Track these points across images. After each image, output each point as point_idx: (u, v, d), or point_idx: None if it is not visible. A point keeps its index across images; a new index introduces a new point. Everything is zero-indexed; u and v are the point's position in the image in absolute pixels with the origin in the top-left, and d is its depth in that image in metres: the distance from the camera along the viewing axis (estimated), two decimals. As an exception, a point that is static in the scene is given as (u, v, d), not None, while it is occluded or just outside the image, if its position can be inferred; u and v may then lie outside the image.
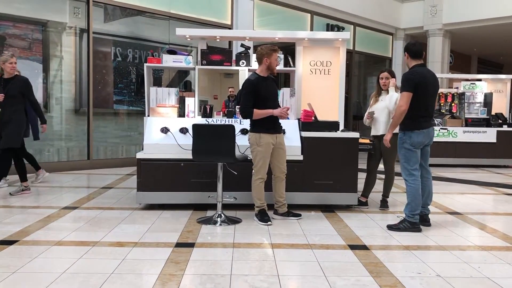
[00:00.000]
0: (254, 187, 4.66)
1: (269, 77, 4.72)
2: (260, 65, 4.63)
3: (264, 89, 4.56)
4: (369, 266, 3.44)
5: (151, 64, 5.77)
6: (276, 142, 4.64)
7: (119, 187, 6.60)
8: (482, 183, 7.65)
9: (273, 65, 4.58)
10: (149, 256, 3.61)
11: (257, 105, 4.52)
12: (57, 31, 8.36)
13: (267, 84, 4.63)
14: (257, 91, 4.51)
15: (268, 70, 4.61)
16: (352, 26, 13.22)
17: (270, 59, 4.53)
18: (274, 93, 4.78)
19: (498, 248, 4.01)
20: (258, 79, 4.57)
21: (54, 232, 4.20)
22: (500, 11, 12.61)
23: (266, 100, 4.58)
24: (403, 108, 4.35)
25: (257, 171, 4.62)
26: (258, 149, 4.57)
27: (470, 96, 10.36)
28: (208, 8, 10.10)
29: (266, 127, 4.58)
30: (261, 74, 4.62)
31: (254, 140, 4.59)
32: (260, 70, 4.63)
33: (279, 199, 4.81)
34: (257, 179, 4.63)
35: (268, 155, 4.61)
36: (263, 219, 4.62)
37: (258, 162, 4.59)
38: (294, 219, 4.77)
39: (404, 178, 4.51)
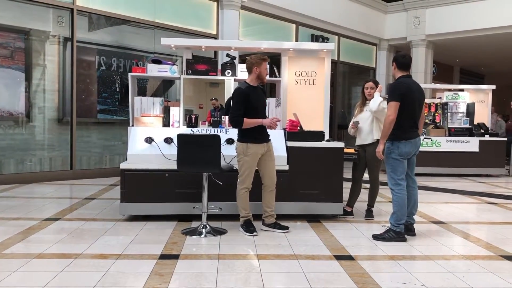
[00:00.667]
0: (239, 197, 4.62)
1: (258, 86, 4.72)
2: (250, 74, 4.62)
3: (254, 98, 4.55)
4: (355, 277, 3.43)
5: (135, 73, 5.72)
6: (264, 151, 4.62)
7: (102, 197, 6.51)
8: (466, 192, 7.73)
9: (263, 74, 4.59)
10: (132, 269, 3.55)
11: (247, 115, 4.50)
12: (40, 39, 8.26)
13: (256, 93, 4.63)
14: (247, 100, 4.50)
15: (258, 80, 4.61)
16: (336, 37, 13.34)
17: (260, 68, 4.54)
18: (263, 102, 4.80)
19: (482, 257, 4.04)
20: (248, 89, 4.56)
21: (34, 245, 4.11)
22: (481, 23, 12.86)
23: (256, 109, 4.58)
24: (391, 118, 4.37)
25: (242, 180, 4.59)
26: (245, 159, 4.54)
27: (453, 106, 10.50)
28: (194, 18, 10.10)
29: (254, 137, 4.55)
30: (251, 84, 4.61)
31: (241, 150, 4.56)
32: (250, 79, 4.62)
33: (267, 209, 4.76)
34: (241, 188, 4.59)
35: (254, 165, 4.59)
36: (248, 229, 4.58)
37: (244, 172, 4.56)
38: (281, 231, 4.69)
39: (391, 188, 4.53)
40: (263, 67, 4.55)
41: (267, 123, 4.55)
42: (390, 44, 14.98)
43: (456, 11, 13.30)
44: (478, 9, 12.85)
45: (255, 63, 4.54)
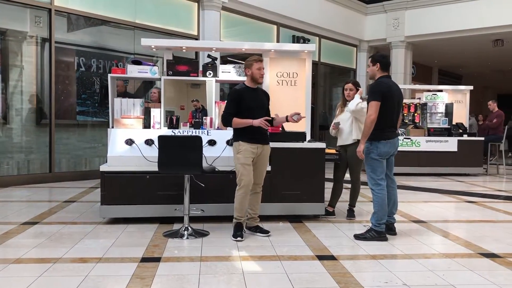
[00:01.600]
0: (235, 197, 4.55)
1: (259, 88, 4.74)
2: (245, 76, 4.68)
3: (248, 99, 4.52)
4: (337, 277, 3.44)
5: (115, 74, 5.66)
6: (257, 152, 4.55)
7: (82, 200, 6.42)
8: (445, 191, 7.85)
9: (256, 75, 4.56)
10: (113, 272, 3.50)
11: (240, 114, 4.48)
12: (17, 40, 8.11)
13: (254, 95, 4.60)
14: (241, 100, 4.49)
15: (253, 81, 4.59)
16: (317, 38, 13.42)
17: (251, 69, 4.54)
18: (262, 104, 4.69)
19: (461, 255, 4.11)
20: (244, 89, 4.58)
21: (12, 249, 4.02)
22: (459, 25, 13.09)
23: (251, 110, 4.52)
24: (372, 117, 4.40)
25: (238, 180, 4.52)
26: (237, 156, 4.51)
27: (432, 107, 10.66)
28: (174, 19, 10.04)
29: (246, 137, 4.50)
30: (249, 85, 4.61)
31: (234, 148, 4.56)
32: (247, 81, 4.64)
33: (250, 212, 4.71)
34: (239, 189, 4.52)
35: (247, 162, 4.48)
36: (235, 234, 4.49)
37: (239, 170, 4.50)
38: (262, 235, 4.62)
39: (371, 188, 4.57)
40: (254, 68, 4.53)
41: (256, 123, 4.46)
42: (370, 45, 15.14)
43: (434, 13, 13.51)
44: (456, 11, 13.08)
45: (246, 65, 4.59)
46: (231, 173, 5.05)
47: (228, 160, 5.05)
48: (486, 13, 12.59)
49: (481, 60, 17.37)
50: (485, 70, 19.52)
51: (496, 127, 10.85)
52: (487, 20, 12.62)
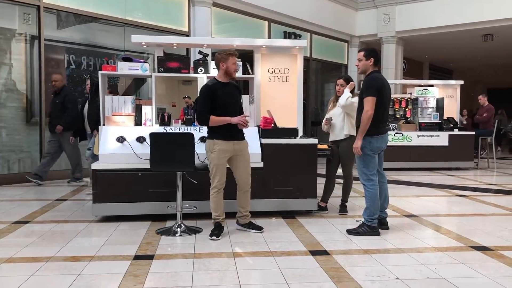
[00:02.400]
0: (210, 197, 4.49)
1: (231, 83, 4.56)
2: (218, 70, 4.50)
3: (222, 94, 4.40)
4: (330, 272, 3.46)
5: (106, 71, 5.62)
6: (234, 149, 4.47)
7: (73, 199, 6.38)
8: (436, 186, 7.90)
9: (231, 69, 4.43)
10: (106, 270, 3.49)
11: (215, 111, 4.36)
12: (5, 37, 8.02)
13: (227, 90, 4.47)
14: (214, 96, 4.36)
15: (226, 75, 4.46)
16: (308, 34, 13.41)
17: (226, 63, 4.39)
18: (235, 99, 4.59)
19: (453, 248, 4.14)
20: (215, 84, 4.43)
21: (3, 249, 3.99)
22: (449, 20, 13.15)
23: (226, 106, 4.42)
24: (369, 113, 4.40)
25: (211, 180, 4.46)
26: (211, 156, 4.41)
27: (423, 101, 10.70)
28: (165, 15, 9.98)
29: (221, 134, 4.40)
30: (220, 80, 4.47)
31: (208, 147, 4.45)
32: (219, 75, 4.49)
33: (241, 210, 4.68)
34: (212, 188, 4.46)
35: (222, 162, 4.42)
36: (212, 232, 4.39)
37: (212, 170, 4.43)
38: (255, 231, 4.60)
39: (363, 183, 4.59)
40: (230, 62, 4.40)
41: (235, 121, 4.38)
42: (361, 41, 15.16)
43: (424, 8, 13.56)
44: (446, 6, 13.13)
45: (221, 59, 4.41)
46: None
47: (220, 156, 5.04)
48: (476, 8, 12.66)
49: (471, 55, 17.47)
50: (475, 64, 19.64)
51: (487, 121, 10.93)
52: (477, 15, 12.70)
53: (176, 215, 4.59)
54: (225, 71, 4.43)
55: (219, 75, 4.50)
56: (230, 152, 4.45)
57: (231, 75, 4.49)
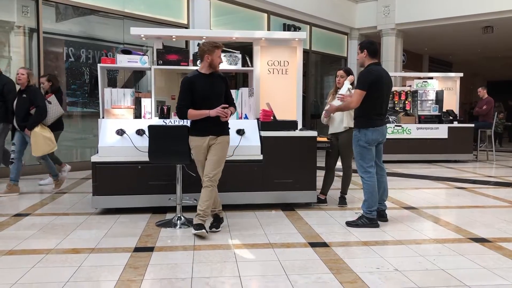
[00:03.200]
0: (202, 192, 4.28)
1: (215, 74, 4.34)
2: (201, 61, 4.32)
3: (203, 87, 4.22)
4: (329, 263, 3.47)
5: (105, 64, 5.61)
6: (208, 144, 4.25)
7: (73, 191, 6.39)
8: (435, 178, 7.92)
9: (215, 62, 4.26)
10: (106, 262, 3.50)
11: (196, 104, 4.20)
12: (4, 30, 7.99)
13: (209, 81, 4.27)
14: (194, 88, 4.19)
15: (210, 68, 4.27)
16: (308, 26, 13.37)
17: (211, 56, 4.22)
18: (219, 91, 4.35)
19: (452, 240, 4.16)
20: (196, 76, 4.26)
21: (4, 241, 4.00)
22: (449, 12, 13.10)
23: (207, 99, 4.22)
24: (353, 105, 4.52)
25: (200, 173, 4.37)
26: (192, 152, 4.36)
27: (423, 94, 10.70)
28: (164, 8, 9.94)
29: (197, 129, 4.27)
30: (202, 71, 4.29)
31: (189, 142, 4.36)
32: (201, 67, 4.31)
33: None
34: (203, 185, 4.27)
35: (199, 158, 4.30)
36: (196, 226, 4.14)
37: (197, 165, 4.37)
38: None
39: (361, 176, 4.60)
40: (215, 55, 4.24)
41: (213, 113, 4.16)
42: (361, 33, 15.10)
43: (424, 1, 13.51)
44: (445, -1, 13.09)
45: (207, 51, 4.22)
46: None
47: (220, 149, 5.05)
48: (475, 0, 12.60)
49: (471, 48, 17.42)
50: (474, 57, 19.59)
51: (486, 113, 10.93)
52: (477, 7, 12.64)
53: (176, 207, 4.60)
54: (210, 63, 4.26)
55: (202, 67, 4.32)
56: (205, 148, 4.27)
57: (215, 68, 4.32)
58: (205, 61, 4.27)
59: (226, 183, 5.04)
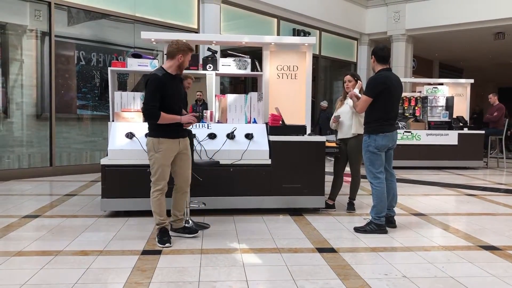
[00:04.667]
0: (153, 201, 4.08)
1: (178, 76, 4.18)
2: (171, 60, 4.06)
3: (171, 89, 4.04)
4: (337, 269, 3.46)
5: (115, 68, 5.65)
6: (180, 147, 4.11)
7: (83, 194, 6.43)
8: (445, 185, 7.85)
9: (185, 64, 4.11)
10: (114, 265, 3.52)
11: (162, 106, 3.96)
12: (16, 34, 8.09)
13: (175, 83, 4.11)
14: (165, 90, 3.97)
15: (178, 69, 4.08)
16: (318, 31, 13.38)
17: (184, 57, 4.06)
18: (181, 95, 4.27)
19: (461, 247, 4.12)
20: (166, 76, 4.01)
21: (14, 242, 4.04)
22: (459, 18, 13.05)
23: (174, 100, 4.08)
24: (357, 109, 4.59)
25: (155, 181, 4.06)
26: (156, 156, 4.01)
27: (433, 100, 10.64)
28: (174, 12, 10.01)
29: (167, 131, 4.02)
30: (169, 71, 4.06)
31: (152, 145, 4.02)
32: (169, 66, 4.07)
33: (177, 213, 4.28)
34: (155, 191, 4.07)
35: (167, 163, 4.06)
36: (161, 240, 4.01)
37: (157, 171, 4.03)
38: (189, 236, 4.25)
39: (370, 181, 4.58)
40: (187, 58, 4.09)
41: (185, 120, 4.04)
42: (371, 39, 15.10)
43: (435, 6, 13.47)
44: (456, 4, 13.03)
45: (181, 50, 4.03)
46: (231, 166, 5.07)
47: (228, 153, 5.07)
48: (487, 5, 12.54)
49: (482, 54, 17.32)
50: (486, 63, 19.47)
51: (497, 120, 10.83)
52: (488, 13, 12.58)
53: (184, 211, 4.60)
54: (180, 65, 4.08)
55: (169, 65, 4.08)
56: (176, 151, 4.10)
57: (182, 71, 4.17)
58: (176, 61, 4.05)
59: (234, 187, 5.06)
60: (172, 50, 4.05)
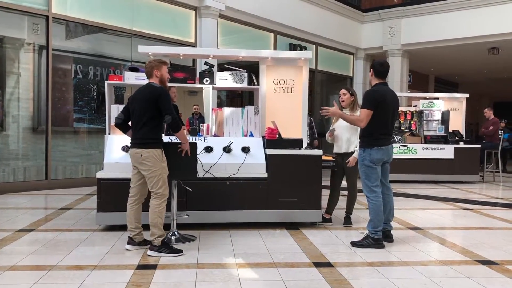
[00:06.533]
0: (160, 212, 4.12)
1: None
2: (150, 78, 4.24)
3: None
4: (334, 284, 3.43)
5: (112, 81, 5.66)
6: None
7: (78, 207, 6.39)
8: (442, 199, 7.85)
9: (165, 77, 4.26)
10: (109, 280, 3.48)
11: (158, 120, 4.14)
12: (14, 47, 8.11)
13: None
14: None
15: (161, 84, 4.23)
16: (314, 46, 13.48)
17: (160, 71, 4.21)
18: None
19: (458, 262, 4.10)
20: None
21: (7, 257, 3.99)
22: (454, 33, 13.18)
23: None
24: (361, 124, 4.48)
25: (163, 192, 4.14)
26: (162, 166, 4.14)
27: (429, 114, 10.70)
28: (172, 26, 10.07)
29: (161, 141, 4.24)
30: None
31: (157, 156, 4.10)
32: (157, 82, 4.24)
33: (139, 225, 4.28)
34: (163, 201, 4.14)
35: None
36: (175, 249, 4.14)
37: (165, 181, 4.15)
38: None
39: (366, 195, 4.57)
40: (164, 70, 4.24)
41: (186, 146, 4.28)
42: (366, 54, 15.21)
43: (430, 21, 13.61)
44: (452, 20, 13.17)
45: (155, 66, 4.20)
46: (228, 180, 5.05)
47: (224, 166, 5.06)
48: (481, 21, 12.68)
49: (477, 68, 17.47)
50: (481, 78, 19.63)
51: (492, 134, 10.88)
52: (483, 29, 12.72)
53: (171, 223, 4.56)
54: (160, 79, 4.23)
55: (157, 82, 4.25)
56: None
57: (165, 83, 4.31)
58: (155, 77, 4.22)
59: (231, 201, 5.04)
60: (148, 70, 4.26)
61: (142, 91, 4.21)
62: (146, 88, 4.19)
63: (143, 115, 4.12)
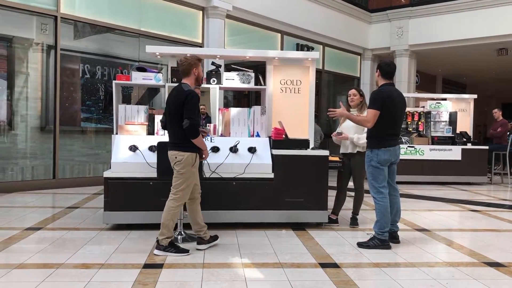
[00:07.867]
0: (173, 213, 4.15)
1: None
2: (187, 77, 4.18)
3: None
4: (340, 285, 3.43)
5: (120, 81, 5.69)
6: None
7: (85, 206, 6.42)
8: (449, 200, 7.81)
9: (201, 75, 4.25)
10: (116, 278, 3.50)
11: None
12: (23, 47, 8.17)
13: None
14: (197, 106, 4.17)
15: (196, 82, 4.22)
16: (321, 46, 13.46)
17: (198, 69, 4.16)
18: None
19: (465, 264, 4.08)
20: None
21: (15, 255, 4.03)
22: (462, 34, 13.11)
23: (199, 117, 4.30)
24: (369, 125, 4.47)
25: (183, 195, 4.17)
26: (192, 171, 4.16)
27: (436, 115, 10.64)
28: (179, 27, 10.10)
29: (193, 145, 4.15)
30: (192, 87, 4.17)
31: (191, 160, 4.13)
32: (191, 82, 4.18)
33: (202, 223, 4.35)
34: (180, 204, 4.21)
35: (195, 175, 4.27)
36: (182, 249, 4.17)
37: (190, 184, 4.18)
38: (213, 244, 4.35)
39: (373, 196, 4.56)
40: (200, 68, 4.19)
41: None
42: (374, 54, 15.16)
43: (438, 22, 13.54)
44: (460, 20, 13.10)
45: (193, 64, 4.13)
46: (234, 180, 5.06)
47: (231, 167, 5.06)
48: (490, 22, 12.59)
49: (485, 69, 17.35)
50: (489, 79, 19.49)
51: (501, 136, 10.80)
52: (491, 29, 12.63)
53: (177, 223, 4.58)
54: (197, 78, 4.21)
55: (190, 82, 4.18)
56: None
57: (200, 82, 4.30)
58: (193, 75, 4.17)
59: (237, 201, 5.04)
60: (185, 68, 4.16)
61: (174, 95, 4.16)
62: (176, 91, 4.15)
63: (173, 118, 4.14)
